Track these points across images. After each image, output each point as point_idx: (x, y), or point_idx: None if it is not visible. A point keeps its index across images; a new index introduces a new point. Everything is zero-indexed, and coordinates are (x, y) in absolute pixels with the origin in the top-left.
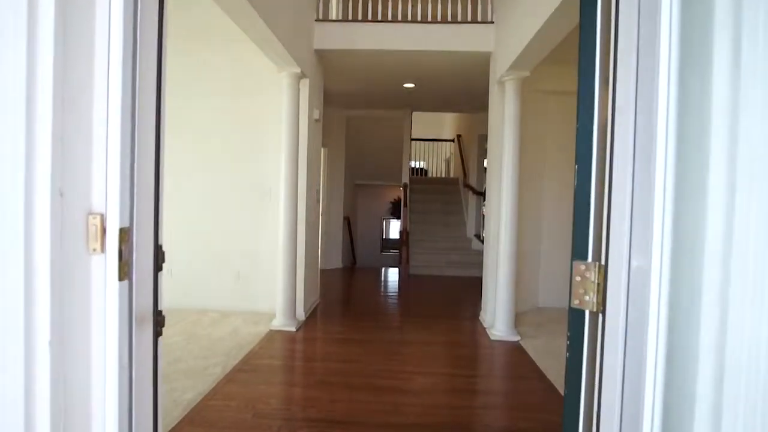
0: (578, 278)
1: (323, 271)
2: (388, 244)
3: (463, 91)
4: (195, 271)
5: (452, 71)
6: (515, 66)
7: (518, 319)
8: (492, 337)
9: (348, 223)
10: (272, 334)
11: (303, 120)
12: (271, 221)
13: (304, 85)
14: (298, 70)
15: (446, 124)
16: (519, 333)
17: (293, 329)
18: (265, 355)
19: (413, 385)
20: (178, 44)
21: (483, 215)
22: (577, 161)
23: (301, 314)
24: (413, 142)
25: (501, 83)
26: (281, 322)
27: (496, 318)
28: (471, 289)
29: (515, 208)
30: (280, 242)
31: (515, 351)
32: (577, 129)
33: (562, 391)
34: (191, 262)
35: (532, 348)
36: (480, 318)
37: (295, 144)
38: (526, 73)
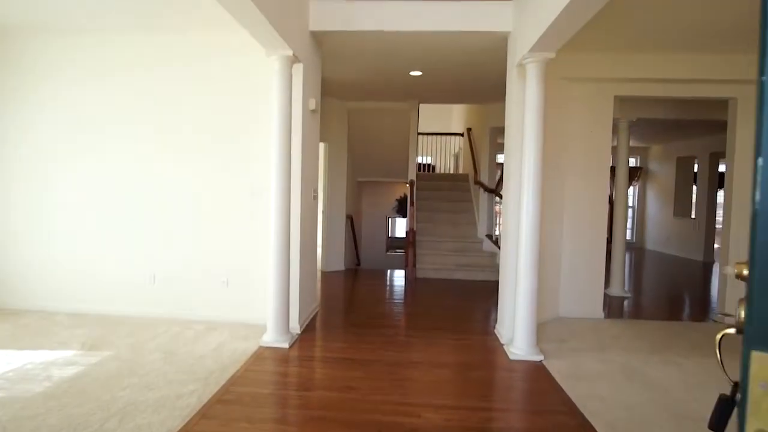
0: None
1: (325, 274)
2: (393, 243)
3: (476, 78)
4: (179, 277)
5: (464, 56)
6: (539, 46)
7: (538, 330)
8: (511, 356)
9: (351, 222)
10: (261, 352)
11: (296, 110)
12: (262, 223)
13: (298, 71)
14: (290, 53)
15: (455, 117)
16: (541, 350)
17: (286, 345)
18: (251, 380)
19: (422, 424)
20: (146, 20)
21: (496, 214)
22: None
23: (295, 327)
24: (420, 136)
25: (521, 67)
26: (272, 337)
27: (516, 333)
28: (483, 294)
29: (538, 207)
30: (269, 248)
31: (539, 374)
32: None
33: (600, 431)
34: (175, 267)
35: (557, 370)
36: (496, 331)
37: (286, 137)
38: (551, 55)
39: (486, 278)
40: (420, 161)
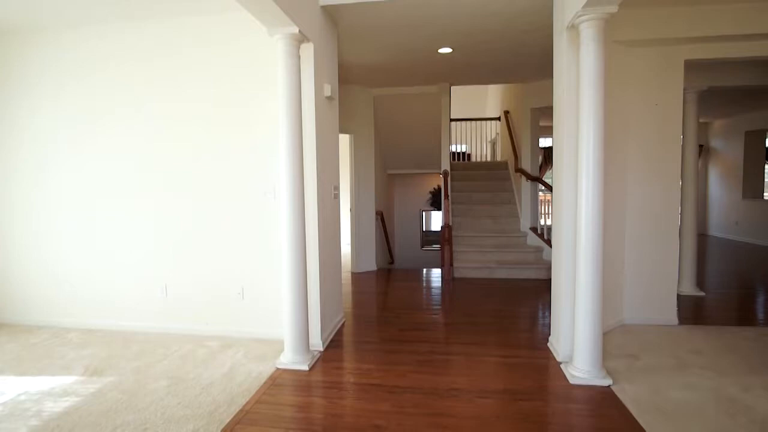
0: None
1: (355, 276)
2: (429, 238)
3: (514, 52)
4: (192, 289)
5: (500, 25)
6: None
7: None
8: (571, 379)
9: (381, 219)
10: (277, 376)
11: (308, 97)
12: (278, 226)
13: (307, 52)
14: (296, 30)
15: (490, 99)
16: (608, 371)
17: (305, 368)
18: (260, 417)
19: None
20: (136, 9)
21: (541, 204)
22: None
23: (317, 344)
24: (452, 123)
25: (573, 29)
26: (290, 358)
27: (576, 350)
28: (530, 296)
29: (601, 198)
30: (282, 257)
31: (609, 406)
32: None
33: None
34: (187, 278)
35: (632, 400)
36: (549, 345)
37: (296, 129)
38: (612, 8)
39: (531, 276)
40: (454, 149)
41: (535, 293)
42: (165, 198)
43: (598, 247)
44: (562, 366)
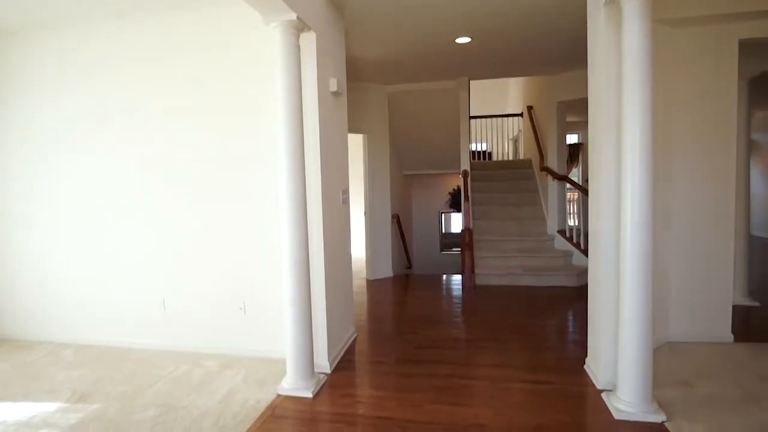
0: None
1: (370, 284)
2: (448, 240)
3: (539, 40)
4: (191, 303)
5: (523, 9)
6: None
7: None
8: (616, 414)
9: (398, 222)
10: (277, 405)
11: (310, 92)
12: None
13: (309, 42)
14: (294, 17)
15: (512, 94)
16: (659, 402)
17: (309, 395)
18: None
19: None
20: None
21: (569, 204)
22: None
23: (324, 365)
24: (471, 120)
25: (612, 4)
26: (292, 383)
27: (621, 377)
28: (560, 306)
29: (650, 201)
30: (282, 272)
31: None
32: None
33: None
34: (187, 291)
35: None
36: (586, 368)
37: (296, 127)
38: None
39: (560, 284)
40: (473, 148)
41: (565, 303)
42: (163, 206)
43: (647, 256)
44: (603, 395)
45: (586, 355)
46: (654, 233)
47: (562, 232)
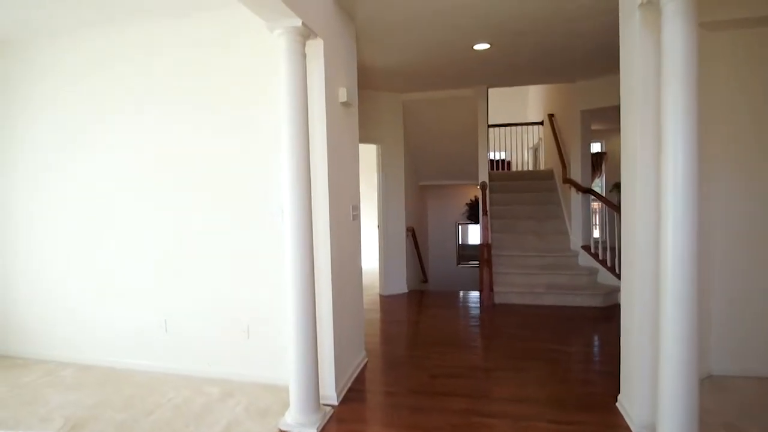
0: None
1: (384, 300)
2: (465, 253)
3: (562, 45)
4: (193, 324)
5: (546, 13)
6: None
7: None
8: None
9: (413, 235)
10: None
11: (317, 103)
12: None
13: (316, 49)
14: (299, 23)
15: (532, 102)
16: None
17: (313, 431)
18: None
19: None
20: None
21: (595, 217)
22: None
23: (331, 395)
24: (490, 129)
25: (649, 5)
26: (295, 418)
27: (660, 418)
28: (586, 329)
29: (695, 219)
30: (287, 295)
31: None
32: None
33: None
34: (189, 312)
35: None
36: (619, 406)
37: (302, 140)
38: None
39: (585, 304)
40: (492, 157)
41: (591, 326)
42: (165, 225)
43: (692, 278)
44: None
45: (619, 391)
46: (700, 252)
47: (586, 248)
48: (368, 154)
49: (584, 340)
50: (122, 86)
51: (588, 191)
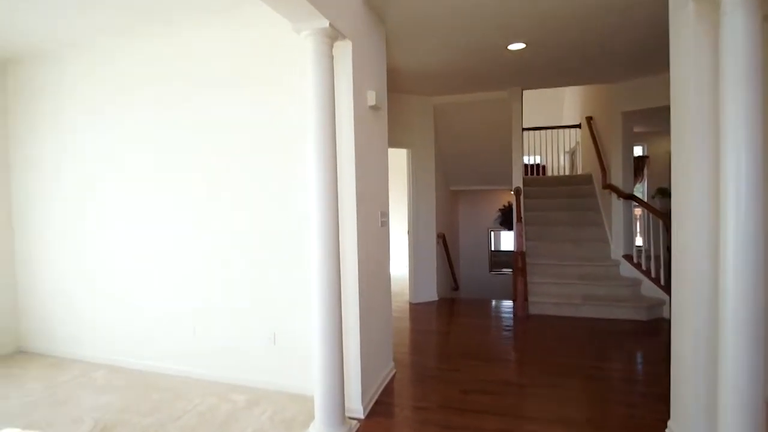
0: None
1: (413, 308)
2: (498, 260)
3: (602, 45)
4: (221, 330)
5: (586, 12)
6: None
7: None
8: None
9: (443, 242)
10: None
11: (345, 106)
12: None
13: (344, 51)
14: (326, 24)
15: (568, 104)
16: None
17: None
18: None
19: None
20: (153, 26)
21: (637, 225)
22: None
23: (357, 409)
24: (524, 132)
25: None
26: (320, 430)
27: None
28: (628, 344)
29: (759, 224)
30: (312, 304)
31: None
32: None
33: None
34: (216, 318)
35: None
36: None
37: (328, 145)
38: None
39: (628, 317)
40: (526, 162)
41: (634, 341)
42: (196, 231)
43: (755, 302)
44: None
45: (669, 416)
46: (766, 266)
47: (628, 258)
48: (398, 159)
49: (626, 356)
50: (155, 95)
51: (630, 197)
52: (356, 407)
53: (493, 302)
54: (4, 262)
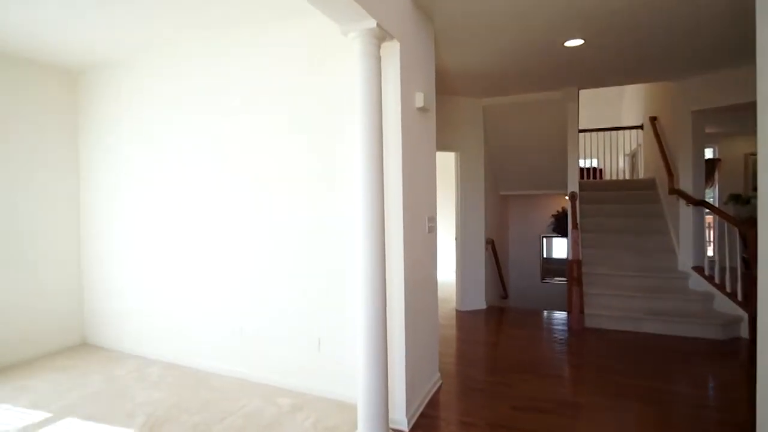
0: None
1: (461, 316)
2: (550, 268)
3: (668, 38)
4: (267, 333)
5: (656, 1)
6: None
7: None
8: None
9: (492, 248)
10: None
11: (392, 108)
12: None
13: (391, 52)
14: (373, 25)
15: (627, 103)
16: None
17: None
18: None
19: None
20: (200, 32)
21: (708, 233)
22: None
23: (401, 420)
24: (580, 134)
25: None
26: None
27: None
28: (701, 367)
29: None
30: (357, 311)
31: None
32: None
33: None
34: (263, 320)
35: None
36: None
37: (375, 148)
38: None
39: (698, 335)
40: (581, 165)
41: (705, 361)
42: (244, 233)
43: None
44: None
45: None
46: None
47: (699, 270)
48: (446, 163)
49: (697, 378)
50: (211, 102)
51: (701, 203)
52: (400, 419)
53: (545, 313)
54: (72, 262)
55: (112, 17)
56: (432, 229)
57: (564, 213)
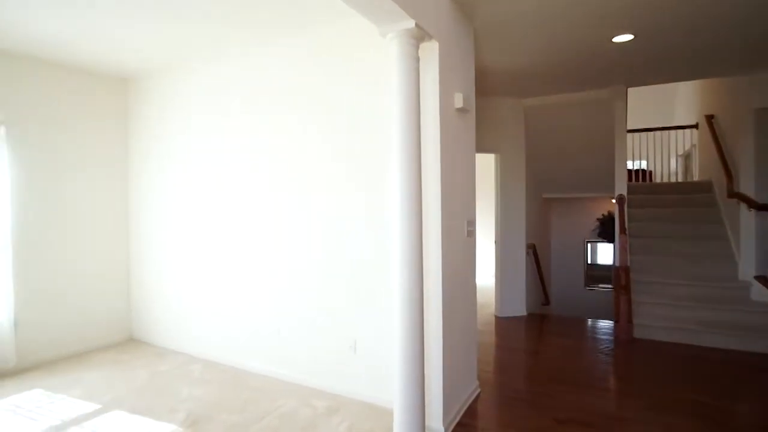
0: None
1: (500, 322)
2: (595, 274)
3: (729, 30)
4: (304, 334)
5: None
6: None
7: None
8: None
9: (534, 252)
10: None
11: (430, 109)
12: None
13: (430, 52)
14: (412, 25)
15: (680, 101)
16: None
17: None
18: None
19: None
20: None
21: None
22: None
23: (438, 428)
24: (628, 134)
25: None
26: None
27: None
28: (760, 383)
29: None
30: (394, 316)
31: None
32: None
33: None
34: (301, 322)
35: None
36: None
37: (413, 149)
38: None
39: (760, 350)
40: (629, 167)
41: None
42: (285, 236)
43: None
44: None
45: None
46: None
47: (762, 279)
48: (486, 165)
49: (759, 397)
50: (253, 103)
51: (764, 208)
52: (437, 426)
53: (590, 321)
54: (121, 261)
55: (161, 32)
56: (471, 233)
57: (610, 217)
